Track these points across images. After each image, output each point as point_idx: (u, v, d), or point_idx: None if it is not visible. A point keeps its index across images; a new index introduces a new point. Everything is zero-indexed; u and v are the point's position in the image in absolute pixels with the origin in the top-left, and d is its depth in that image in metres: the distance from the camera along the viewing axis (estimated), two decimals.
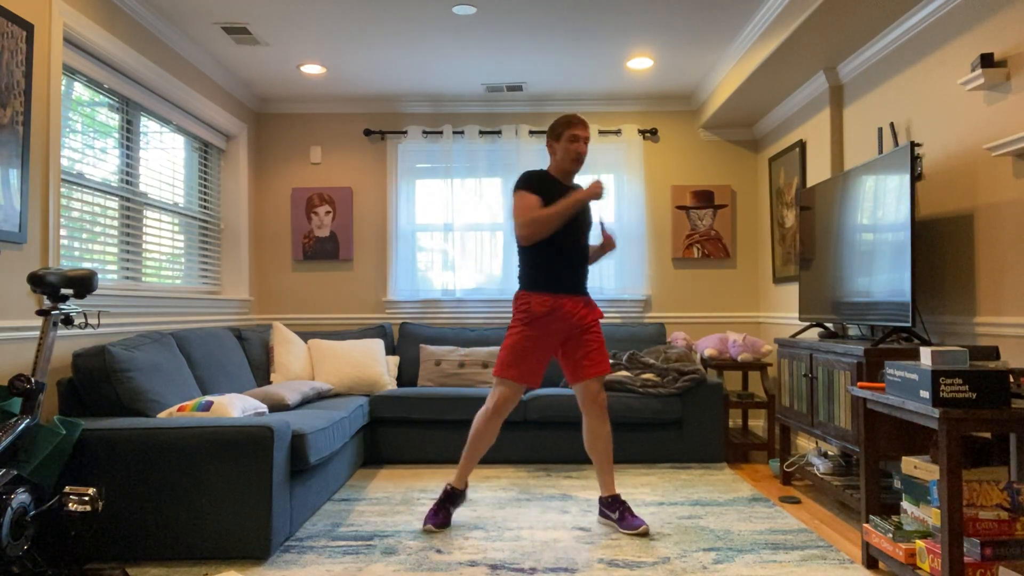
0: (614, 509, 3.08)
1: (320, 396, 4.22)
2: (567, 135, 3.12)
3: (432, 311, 5.28)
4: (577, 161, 3.14)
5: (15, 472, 2.26)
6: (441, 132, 5.24)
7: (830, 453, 3.64)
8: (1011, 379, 2.29)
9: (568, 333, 3.12)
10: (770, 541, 2.89)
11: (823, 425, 3.37)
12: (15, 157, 2.70)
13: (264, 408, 3.26)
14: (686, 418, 4.28)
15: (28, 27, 2.77)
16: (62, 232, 3.20)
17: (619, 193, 5.26)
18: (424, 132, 5.26)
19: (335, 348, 4.60)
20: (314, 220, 5.31)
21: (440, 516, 3.10)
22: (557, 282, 3.09)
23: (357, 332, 4.95)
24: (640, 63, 4.54)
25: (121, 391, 2.90)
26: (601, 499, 3.14)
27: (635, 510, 3.32)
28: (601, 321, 5.22)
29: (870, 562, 2.60)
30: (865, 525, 2.61)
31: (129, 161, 3.81)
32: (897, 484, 2.64)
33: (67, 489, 2.36)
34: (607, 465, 3.12)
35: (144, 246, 3.96)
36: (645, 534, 2.97)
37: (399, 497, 3.57)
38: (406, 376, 4.89)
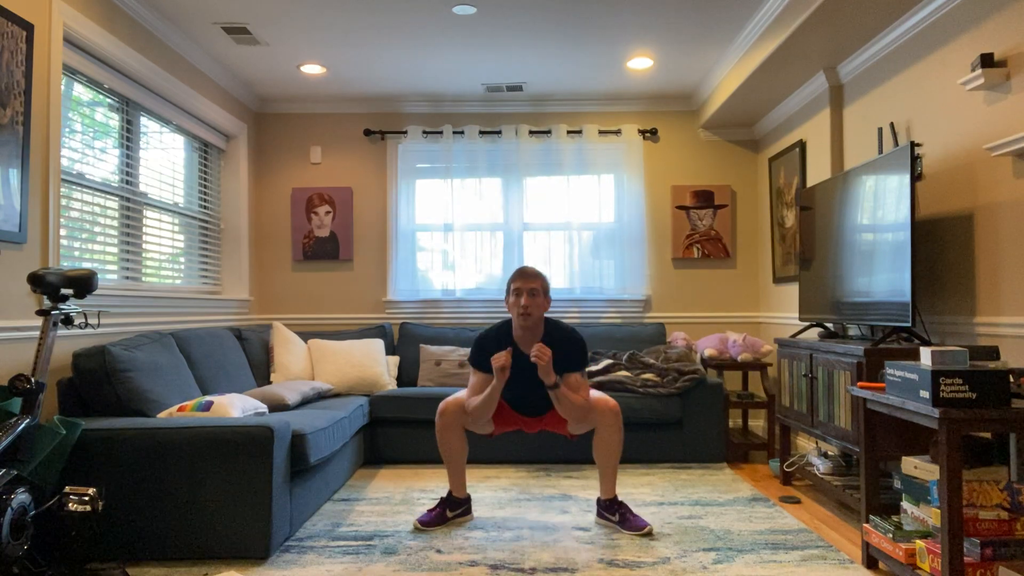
0: (613, 512, 3.08)
1: (320, 396, 4.22)
2: (511, 290, 3.07)
3: (432, 311, 5.28)
4: (523, 316, 3.02)
5: (15, 472, 2.26)
6: (441, 132, 5.24)
7: (830, 453, 3.64)
8: (1011, 379, 2.29)
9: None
10: (770, 541, 2.89)
11: (823, 425, 3.37)
12: (15, 157, 2.70)
13: (264, 408, 3.26)
14: (686, 418, 4.28)
15: (28, 27, 2.77)
16: (62, 232, 3.20)
17: (619, 193, 5.26)
18: (424, 132, 5.26)
19: (335, 348, 4.60)
20: (314, 220, 5.31)
21: (432, 515, 3.11)
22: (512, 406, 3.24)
23: (357, 332, 4.95)
24: (640, 63, 4.54)
25: (121, 391, 2.90)
26: (599, 501, 3.14)
27: (635, 510, 3.32)
28: (601, 321, 5.23)
29: (870, 562, 2.60)
30: (865, 525, 2.61)
31: (129, 161, 3.81)
32: (897, 484, 2.64)
33: (67, 489, 2.37)
34: (609, 470, 3.10)
35: (144, 246, 3.96)
36: (649, 534, 2.97)
37: (399, 497, 3.57)
38: (406, 376, 4.89)
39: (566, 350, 3.07)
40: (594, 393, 3.15)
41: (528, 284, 3.04)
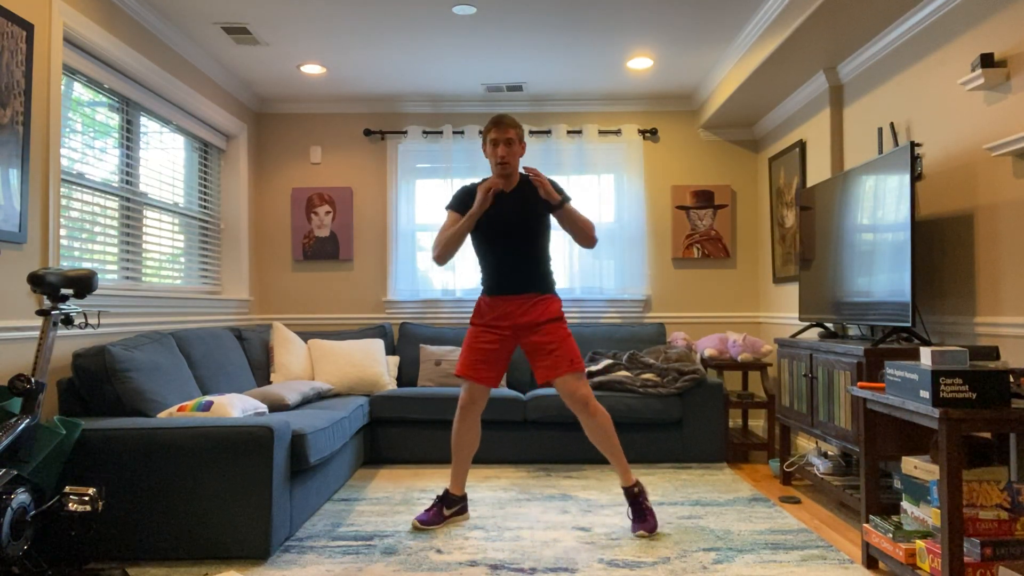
0: (629, 503, 3.04)
1: (320, 396, 4.22)
2: (488, 140, 3.03)
3: (432, 311, 5.28)
4: (500, 164, 2.99)
5: (15, 472, 2.26)
6: (441, 132, 5.24)
7: (830, 453, 3.64)
8: (1011, 379, 2.29)
9: (517, 332, 3.09)
10: (770, 541, 2.89)
11: (823, 425, 3.37)
12: (15, 157, 2.70)
13: (264, 408, 3.26)
14: (686, 418, 4.28)
15: (28, 27, 2.77)
16: (62, 232, 3.20)
17: (619, 193, 5.26)
18: (424, 132, 5.26)
19: (335, 348, 4.60)
20: (314, 220, 5.31)
21: (429, 514, 3.10)
22: (496, 285, 3.11)
23: (357, 332, 4.95)
24: (640, 63, 4.54)
25: (121, 391, 2.90)
26: (624, 489, 3.07)
27: None
28: (601, 321, 5.22)
29: (870, 562, 2.60)
30: (865, 525, 2.61)
31: (129, 161, 3.81)
32: (897, 484, 2.64)
33: (67, 489, 2.37)
34: (610, 453, 3.03)
35: (144, 246, 3.96)
36: (647, 535, 2.96)
37: (399, 497, 3.57)
38: (406, 376, 4.89)
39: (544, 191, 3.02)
40: (567, 382, 3.00)
41: (505, 134, 2.96)
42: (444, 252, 3.07)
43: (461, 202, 3.14)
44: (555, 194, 2.98)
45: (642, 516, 3.01)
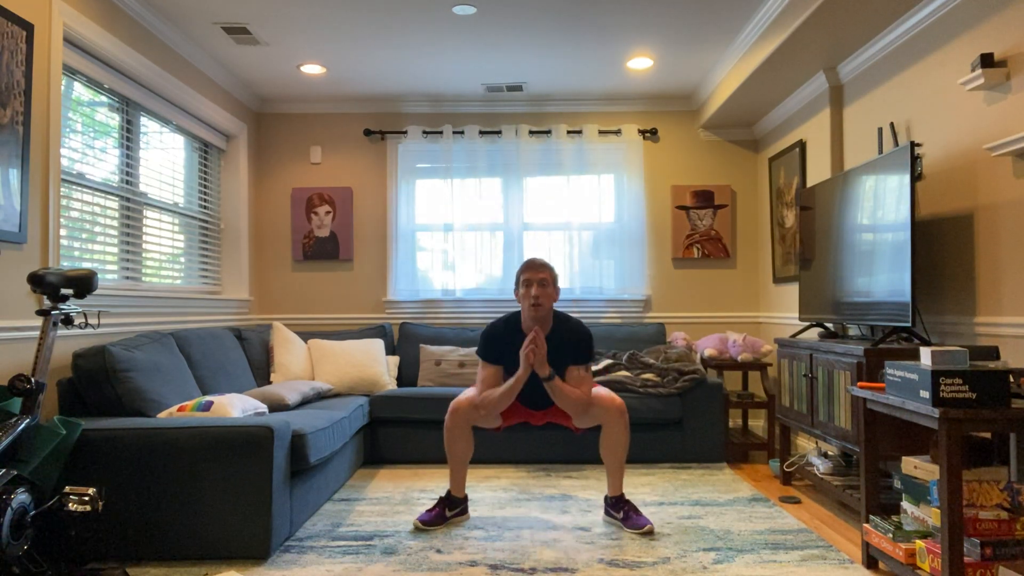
0: (619, 509, 3.09)
1: (320, 396, 4.22)
2: (521, 281, 3.10)
3: (432, 311, 5.28)
4: (534, 307, 3.04)
5: (15, 472, 2.26)
6: (441, 132, 5.24)
7: (830, 453, 3.64)
8: (1011, 379, 2.29)
9: (540, 417, 3.28)
10: (770, 541, 2.89)
11: (823, 425, 3.37)
12: (15, 157, 2.70)
13: (264, 408, 3.26)
14: (686, 418, 4.28)
15: (28, 27, 2.77)
16: (62, 232, 3.20)
17: (619, 193, 5.26)
18: (424, 132, 5.26)
19: (335, 348, 4.60)
20: (314, 220, 5.31)
21: (432, 514, 3.11)
22: (521, 400, 3.23)
23: (357, 332, 4.95)
24: (640, 63, 4.54)
25: (121, 391, 2.90)
26: (606, 498, 3.16)
27: None
28: (601, 321, 5.23)
29: (870, 562, 2.60)
30: (865, 525, 2.61)
31: (129, 161, 3.81)
32: (897, 484, 2.64)
33: (67, 489, 2.37)
34: (615, 468, 3.12)
35: (144, 246, 3.96)
36: (650, 533, 2.97)
37: (399, 497, 3.57)
38: (406, 376, 4.89)
39: (572, 343, 3.10)
40: (600, 390, 3.14)
41: (538, 275, 3.07)
42: (493, 411, 3.10)
43: (491, 349, 3.14)
44: (545, 367, 2.98)
45: (637, 513, 3.04)
